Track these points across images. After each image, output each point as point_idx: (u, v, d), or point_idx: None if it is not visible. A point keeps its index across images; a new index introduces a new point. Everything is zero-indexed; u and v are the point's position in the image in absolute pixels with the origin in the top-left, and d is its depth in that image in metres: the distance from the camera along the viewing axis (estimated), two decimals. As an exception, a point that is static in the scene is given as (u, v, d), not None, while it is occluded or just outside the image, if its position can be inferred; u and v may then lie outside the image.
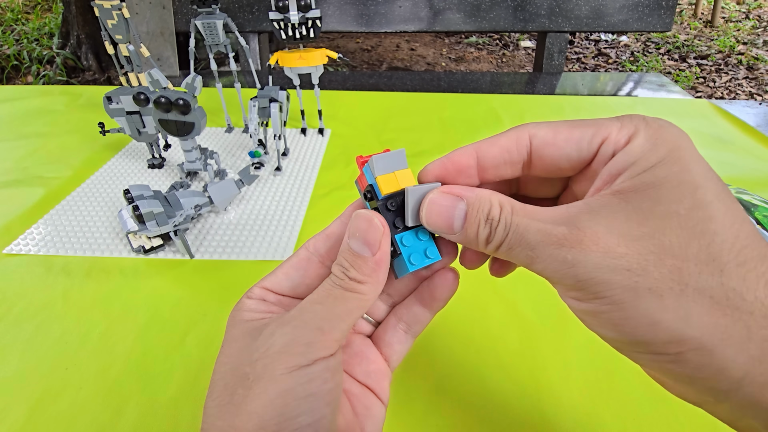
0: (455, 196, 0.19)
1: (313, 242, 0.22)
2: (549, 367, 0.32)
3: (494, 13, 0.99)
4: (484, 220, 0.18)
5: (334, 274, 0.19)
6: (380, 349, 0.22)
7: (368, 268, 0.19)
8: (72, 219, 0.47)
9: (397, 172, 0.20)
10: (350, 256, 0.19)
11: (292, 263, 0.22)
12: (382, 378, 0.22)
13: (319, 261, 0.22)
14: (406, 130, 0.66)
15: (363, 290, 0.19)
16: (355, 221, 0.19)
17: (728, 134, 0.65)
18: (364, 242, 0.19)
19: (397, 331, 0.23)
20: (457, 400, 0.30)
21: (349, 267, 0.19)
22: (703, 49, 2.92)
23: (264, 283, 0.21)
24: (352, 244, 0.19)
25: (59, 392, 0.30)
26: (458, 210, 0.19)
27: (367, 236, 0.19)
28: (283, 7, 0.52)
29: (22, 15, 2.90)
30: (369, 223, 0.19)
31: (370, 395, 0.21)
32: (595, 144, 0.18)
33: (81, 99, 0.76)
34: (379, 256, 0.19)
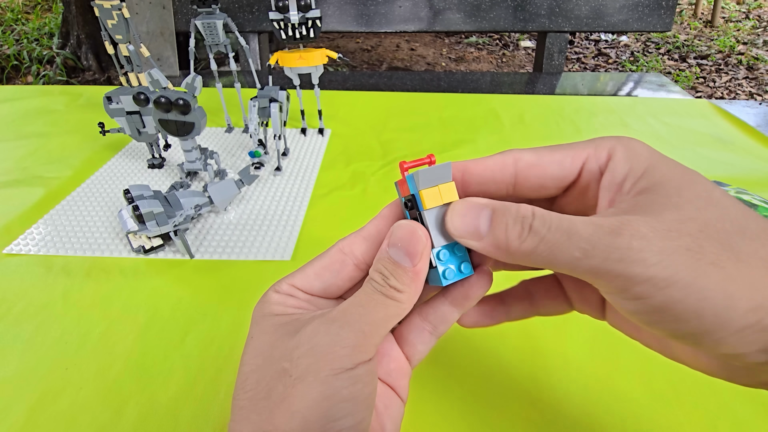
0: (480, 205, 0.19)
1: (348, 243, 0.21)
2: (549, 366, 0.32)
3: (494, 13, 0.99)
4: (512, 219, 0.18)
5: (374, 280, 0.19)
6: (402, 348, 0.22)
7: (407, 278, 0.19)
8: (72, 219, 0.47)
9: (441, 186, 0.20)
10: (390, 265, 0.19)
11: (324, 263, 0.21)
12: (402, 376, 0.22)
13: (353, 264, 0.21)
14: (406, 130, 0.66)
15: (401, 299, 0.19)
16: (398, 231, 0.19)
17: (728, 134, 0.65)
18: (406, 253, 0.19)
19: (423, 332, 0.22)
20: (456, 400, 0.30)
21: (389, 275, 0.19)
22: (703, 49, 2.92)
23: (293, 281, 0.21)
24: (392, 252, 0.19)
25: (59, 392, 0.30)
26: (484, 213, 0.19)
27: (409, 247, 0.19)
28: (283, 7, 0.52)
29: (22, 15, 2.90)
30: (412, 234, 0.19)
31: (390, 393, 0.21)
32: (577, 163, 0.20)
33: (81, 99, 0.76)
34: (419, 267, 0.19)
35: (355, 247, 0.21)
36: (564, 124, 0.68)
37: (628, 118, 0.70)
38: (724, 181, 0.52)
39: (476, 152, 0.61)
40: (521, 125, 0.68)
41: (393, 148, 0.61)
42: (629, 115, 0.71)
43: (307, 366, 0.18)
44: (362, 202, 0.51)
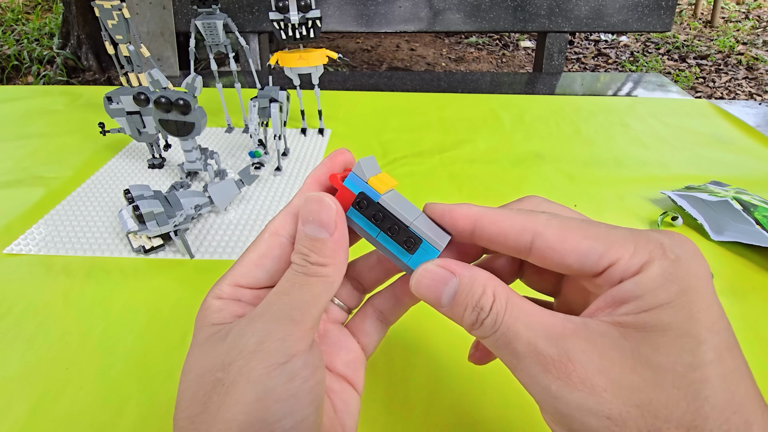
0: (449, 272, 0.18)
1: (279, 224, 0.20)
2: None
3: (494, 13, 0.99)
4: (471, 306, 0.17)
5: (295, 263, 0.18)
6: (357, 338, 0.22)
7: (328, 249, 0.18)
8: (72, 219, 0.47)
9: (378, 176, 0.20)
10: (308, 242, 0.18)
11: (261, 251, 0.20)
12: (359, 367, 0.22)
13: (290, 243, 0.20)
14: (406, 130, 0.66)
15: (327, 272, 0.18)
16: (307, 205, 0.19)
17: (728, 134, 0.65)
18: (320, 224, 0.18)
19: (374, 321, 0.22)
20: (455, 400, 0.30)
21: (309, 252, 0.18)
22: (703, 49, 2.92)
23: (234, 279, 0.20)
24: (307, 229, 0.18)
25: (60, 392, 0.31)
26: (449, 286, 0.18)
27: (321, 217, 0.18)
28: (283, 8, 0.52)
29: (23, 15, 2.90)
30: (320, 203, 0.18)
31: (348, 388, 0.21)
32: (601, 265, 0.17)
33: (81, 99, 0.76)
34: (337, 235, 0.18)
35: (287, 226, 0.20)
36: (564, 124, 0.68)
37: (627, 118, 0.70)
38: (723, 181, 0.52)
39: (476, 152, 0.61)
40: (521, 125, 0.68)
41: (393, 148, 0.61)
42: (629, 115, 0.71)
43: (239, 369, 0.17)
44: (362, 202, 0.50)
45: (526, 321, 0.17)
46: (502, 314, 0.17)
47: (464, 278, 0.18)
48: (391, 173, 0.56)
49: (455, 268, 0.18)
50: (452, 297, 0.18)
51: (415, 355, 0.33)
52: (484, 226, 0.19)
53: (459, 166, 0.57)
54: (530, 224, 0.18)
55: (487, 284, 0.18)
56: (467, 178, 0.55)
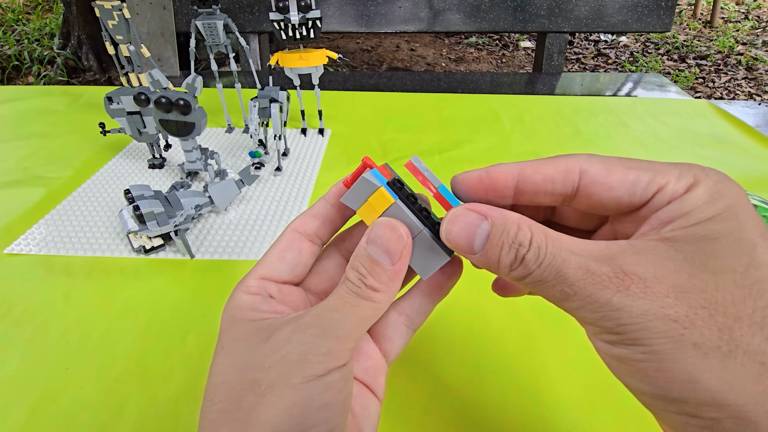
0: (479, 214, 0.18)
1: (300, 223, 0.21)
2: (549, 367, 0.32)
3: (494, 14, 0.99)
4: (509, 244, 0.17)
5: (350, 280, 0.18)
6: (378, 344, 0.22)
7: (386, 277, 0.18)
8: (73, 219, 0.47)
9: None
10: (368, 263, 0.18)
11: (283, 245, 0.21)
12: (379, 374, 0.21)
13: (308, 240, 0.21)
14: (406, 130, 0.66)
15: (378, 299, 0.18)
16: (378, 228, 0.18)
17: (728, 134, 0.65)
18: (385, 251, 0.18)
19: (399, 326, 0.22)
20: (456, 400, 0.30)
21: (366, 274, 0.18)
22: (703, 50, 2.92)
23: (260, 272, 0.21)
24: (371, 250, 0.18)
25: (60, 392, 0.31)
26: (481, 228, 0.17)
27: (390, 245, 0.18)
28: (283, 8, 0.52)
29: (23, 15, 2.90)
30: (393, 231, 0.18)
31: (367, 393, 0.21)
32: (650, 191, 0.17)
33: (81, 99, 0.76)
34: (398, 266, 0.18)
35: (306, 225, 0.21)
36: (564, 124, 0.68)
37: (627, 119, 0.70)
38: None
39: (476, 152, 0.61)
40: (521, 125, 0.68)
41: (393, 148, 0.61)
42: (629, 115, 0.71)
43: (279, 374, 0.17)
44: (362, 202, 0.51)
45: (569, 246, 0.16)
46: (545, 246, 0.16)
47: (496, 219, 0.17)
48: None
49: (485, 211, 0.18)
50: (485, 239, 0.17)
51: (414, 355, 0.33)
52: (527, 176, 0.18)
53: (459, 166, 0.58)
54: (573, 164, 0.18)
55: (521, 221, 0.17)
56: (467, 178, 0.55)
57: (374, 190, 0.19)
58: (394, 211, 0.19)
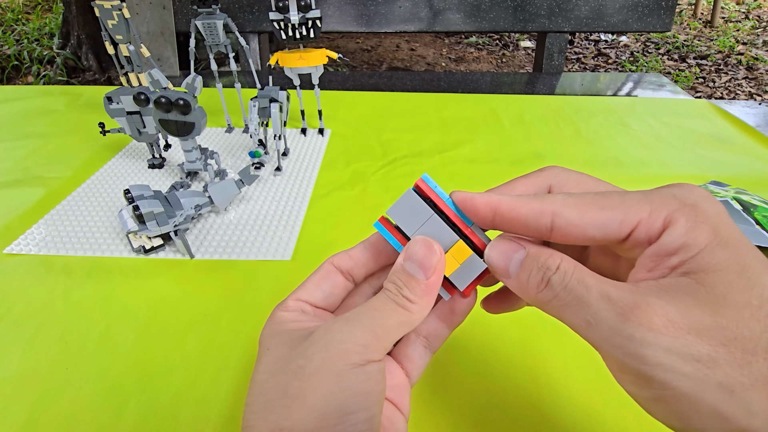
0: (519, 244, 0.20)
1: (337, 259, 0.23)
2: (549, 367, 0.32)
3: (494, 13, 0.99)
4: (537, 267, 0.18)
5: (389, 289, 0.20)
6: (401, 364, 0.23)
7: (420, 290, 0.20)
8: (72, 219, 0.47)
9: None
10: (404, 276, 0.20)
11: (320, 275, 0.23)
12: (404, 392, 0.22)
13: (343, 276, 0.23)
14: (406, 130, 0.66)
15: (413, 309, 0.20)
16: (414, 245, 0.20)
17: (728, 134, 0.65)
18: (420, 266, 0.20)
19: (418, 347, 0.23)
20: (456, 400, 0.30)
21: (403, 286, 0.20)
22: (703, 50, 2.92)
23: (299, 295, 0.22)
24: (407, 265, 0.20)
25: (60, 392, 0.31)
26: (518, 255, 0.19)
27: (424, 261, 0.20)
28: (283, 8, 0.52)
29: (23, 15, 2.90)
30: (428, 249, 0.20)
31: (393, 409, 0.22)
32: (624, 231, 0.17)
33: (81, 99, 0.76)
34: (432, 280, 0.20)
35: (342, 263, 0.23)
36: (564, 124, 0.68)
37: (627, 118, 0.70)
38: (724, 181, 0.52)
39: (476, 152, 0.61)
40: (521, 125, 0.68)
41: (393, 148, 0.61)
42: (629, 115, 0.71)
43: (322, 360, 0.18)
44: (362, 202, 0.51)
45: (596, 277, 0.17)
46: (571, 272, 0.17)
47: (532, 249, 0.19)
48: (391, 173, 0.56)
49: (525, 243, 0.20)
50: (520, 264, 0.19)
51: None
52: (503, 212, 0.19)
53: (459, 166, 0.57)
54: (548, 206, 0.18)
55: (555, 252, 0.18)
56: (467, 178, 0.55)
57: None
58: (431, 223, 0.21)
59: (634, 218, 0.17)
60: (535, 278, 0.18)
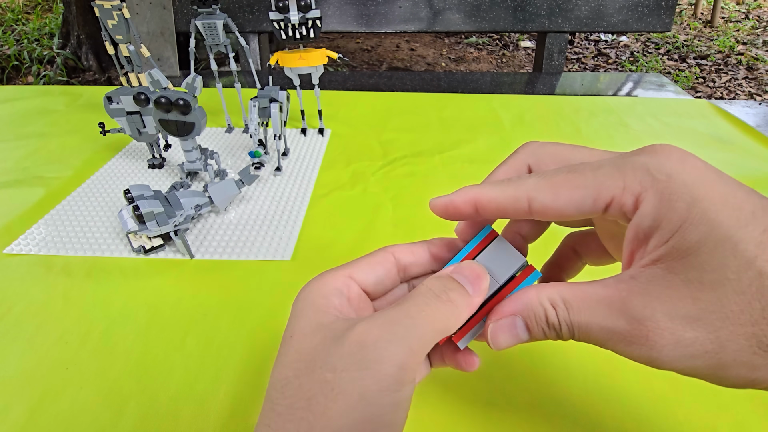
0: (509, 316, 0.19)
1: (398, 251, 0.22)
2: (550, 367, 0.32)
3: (494, 13, 0.99)
4: (546, 327, 0.19)
5: (431, 288, 0.19)
6: None
7: (465, 301, 0.19)
8: (72, 219, 0.47)
9: None
10: (451, 282, 0.19)
11: (377, 260, 0.22)
12: None
13: (397, 269, 0.22)
14: (406, 130, 0.66)
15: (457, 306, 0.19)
16: (466, 268, 0.20)
17: (728, 134, 0.65)
18: (470, 281, 0.20)
19: None
20: (456, 400, 0.30)
21: (450, 289, 0.19)
22: (703, 50, 2.92)
23: (351, 272, 0.21)
24: (456, 276, 0.20)
25: (59, 392, 0.31)
26: (518, 325, 0.19)
27: (474, 281, 0.20)
28: (283, 8, 0.52)
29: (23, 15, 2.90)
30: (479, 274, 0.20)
31: None
32: (598, 208, 0.18)
33: (81, 99, 0.76)
34: (475, 300, 0.20)
35: (403, 255, 0.22)
36: (564, 124, 0.68)
37: (627, 118, 0.70)
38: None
39: (476, 152, 0.61)
40: (521, 125, 0.68)
41: (393, 148, 0.61)
42: (629, 115, 0.71)
43: (352, 380, 0.17)
44: (362, 202, 0.51)
45: (588, 309, 0.17)
46: (568, 318, 0.18)
47: (522, 311, 0.19)
48: (391, 173, 0.56)
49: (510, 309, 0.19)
50: (526, 330, 0.19)
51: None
52: (483, 205, 0.20)
53: (459, 166, 0.57)
54: (522, 192, 0.19)
55: (542, 300, 0.18)
56: (467, 178, 0.55)
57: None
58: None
59: (607, 195, 0.17)
60: (552, 336, 0.19)
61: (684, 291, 0.15)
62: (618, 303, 0.17)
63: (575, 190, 0.18)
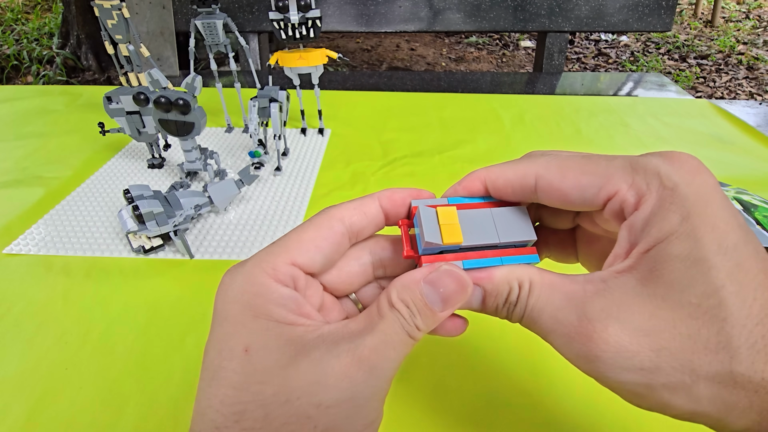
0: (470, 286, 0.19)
1: (347, 214, 0.20)
2: (549, 367, 0.32)
3: (494, 13, 0.99)
4: (502, 304, 0.19)
5: (401, 315, 0.17)
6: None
7: (432, 321, 0.18)
8: (72, 219, 0.47)
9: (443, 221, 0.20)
10: (420, 304, 0.18)
11: (323, 234, 0.19)
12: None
13: (350, 237, 0.20)
14: (406, 130, 0.66)
15: (418, 338, 0.18)
16: (445, 277, 0.18)
17: (728, 134, 0.65)
18: (443, 299, 0.18)
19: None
20: (457, 400, 0.30)
21: (417, 314, 0.18)
22: (703, 49, 2.92)
23: (293, 257, 0.18)
24: (426, 291, 0.18)
25: (59, 392, 0.30)
26: (475, 294, 0.19)
27: (450, 297, 0.18)
28: (283, 7, 0.52)
29: (22, 15, 2.90)
30: (462, 288, 0.18)
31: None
32: (600, 198, 0.17)
33: (81, 99, 0.76)
34: (444, 314, 0.18)
35: (354, 221, 0.20)
36: (564, 124, 0.68)
37: (628, 118, 0.70)
38: (724, 181, 0.52)
39: (476, 152, 0.61)
40: (521, 125, 0.68)
41: (393, 148, 0.61)
42: (629, 115, 0.71)
43: (341, 419, 0.16)
44: (362, 202, 0.50)
45: (547, 296, 0.18)
46: (525, 299, 0.18)
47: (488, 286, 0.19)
48: (391, 173, 0.56)
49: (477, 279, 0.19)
50: (481, 300, 0.19)
51: (415, 356, 0.33)
52: (492, 179, 0.20)
53: (459, 166, 0.57)
54: (531, 168, 0.19)
55: (511, 280, 0.18)
56: (467, 178, 0.55)
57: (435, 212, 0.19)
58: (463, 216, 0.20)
59: (614, 187, 0.17)
60: (503, 311, 0.19)
61: (646, 305, 0.16)
62: (578, 299, 0.17)
63: (584, 175, 0.18)
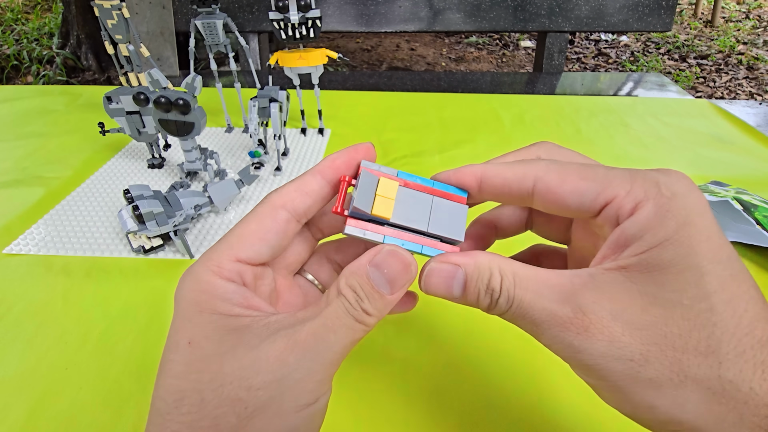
0: (453, 265, 0.19)
1: (288, 199, 0.19)
2: (549, 367, 0.32)
3: (494, 13, 0.99)
4: (484, 290, 0.18)
5: (347, 299, 0.17)
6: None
7: (382, 304, 0.18)
8: (72, 219, 0.47)
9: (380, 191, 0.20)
10: (367, 287, 0.18)
11: (267, 226, 0.19)
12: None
13: (296, 220, 0.20)
14: (406, 130, 0.66)
15: (369, 322, 0.18)
16: (390, 258, 0.18)
17: (728, 134, 0.65)
18: (389, 281, 0.18)
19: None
20: (457, 401, 0.30)
21: (364, 298, 0.18)
22: (703, 49, 2.92)
23: (237, 254, 0.19)
24: (373, 275, 0.18)
25: (59, 392, 0.30)
26: (457, 278, 0.18)
27: (396, 278, 0.18)
28: (283, 7, 0.52)
29: (22, 15, 2.90)
30: (405, 267, 0.18)
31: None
32: (598, 204, 0.18)
33: (81, 99, 0.76)
34: (395, 296, 0.18)
35: (297, 203, 0.20)
36: (564, 124, 0.68)
37: (628, 118, 0.70)
38: (724, 181, 0.52)
39: (476, 152, 0.61)
40: (521, 125, 0.68)
41: (393, 148, 0.61)
42: (629, 115, 0.71)
43: (269, 399, 0.16)
44: (362, 202, 0.50)
45: (535, 289, 0.17)
46: (512, 289, 0.18)
47: (469, 267, 0.18)
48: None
49: (458, 260, 0.19)
50: (462, 286, 0.19)
51: (415, 356, 0.33)
52: (489, 177, 0.20)
53: (459, 165, 0.57)
54: (531, 171, 0.19)
55: (492, 265, 0.18)
56: (467, 178, 0.55)
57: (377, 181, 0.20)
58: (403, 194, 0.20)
59: (611, 193, 0.17)
60: (485, 301, 0.18)
61: (636, 300, 0.16)
62: (568, 292, 0.17)
63: (583, 180, 0.18)
